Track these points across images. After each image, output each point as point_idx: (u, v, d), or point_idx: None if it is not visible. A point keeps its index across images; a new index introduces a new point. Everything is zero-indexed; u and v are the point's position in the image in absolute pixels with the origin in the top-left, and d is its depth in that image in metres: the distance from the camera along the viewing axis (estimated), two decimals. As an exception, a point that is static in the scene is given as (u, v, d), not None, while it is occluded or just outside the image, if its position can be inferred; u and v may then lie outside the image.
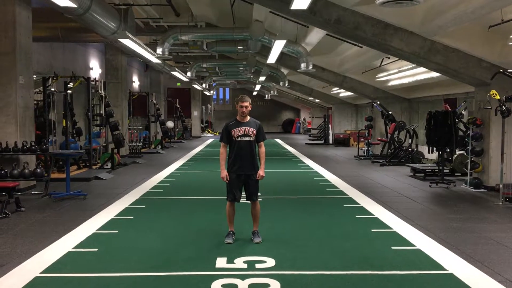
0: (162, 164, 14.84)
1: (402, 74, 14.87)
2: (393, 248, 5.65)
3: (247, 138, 5.79)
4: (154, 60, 15.36)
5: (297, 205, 8.46)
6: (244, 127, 5.80)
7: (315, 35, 13.19)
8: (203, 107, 36.42)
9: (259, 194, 6.04)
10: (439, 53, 9.65)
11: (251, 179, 5.85)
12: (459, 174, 11.77)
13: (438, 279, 4.64)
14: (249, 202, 5.99)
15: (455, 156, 11.61)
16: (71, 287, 4.42)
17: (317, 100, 30.03)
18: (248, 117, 5.91)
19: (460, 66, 9.70)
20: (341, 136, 24.48)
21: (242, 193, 5.94)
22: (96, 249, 5.57)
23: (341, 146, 23.58)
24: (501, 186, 8.63)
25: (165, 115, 28.75)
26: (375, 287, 4.42)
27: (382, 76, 16.52)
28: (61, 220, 7.08)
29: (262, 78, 22.78)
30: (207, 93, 33.83)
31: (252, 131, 5.82)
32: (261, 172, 5.86)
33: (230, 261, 5.11)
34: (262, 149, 5.95)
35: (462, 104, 11.63)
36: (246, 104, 5.83)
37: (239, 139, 5.79)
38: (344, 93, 22.93)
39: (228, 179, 5.83)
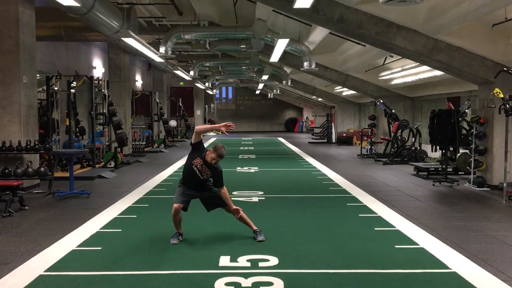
0: (165, 163, 14.86)
1: (405, 72, 14.84)
2: (396, 246, 5.65)
3: (199, 174, 5.79)
4: (157, 59, 15.36)
5: (300, 203, 8.46)
6: (204, 166, 5.79)
7: (318, 34, 13.18)
8: (206, 106, 36.45)
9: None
10: (443, 52, 9.63)
11: (204, 197, 5.94)
12: (463, 172, 11.74)
13: (441, 278, 4.64)
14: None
15: (459, 154, 11.58)
16: (75, 285, 4.43)
17: (320, 99, 30.01)
18: (214, 161, 5.82)
19: (464, 65, 9.68)
20: (344, 135, 24.45)
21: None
22: (99, 248, 5.58)
23: (344, 145, 23.56)
24: (504, 184, 8.61)
25: (168, 114, 28.74)
26: (379, 286, 4.41)
27: (385, 75, 16.49)
28: (64, 219, 7.10)
29: (265, 77, 22.76)
30: (210, 92, 33.86)
31: (208, 173, 5.82)
32: (235, 207, 5.97)
33: (233, 259, 5.12)
34: (224, 190, 5.95)
35: (466, 102, 11.60)
36: (220, 159, 5.79)
37: (193, 167, 5.81)
38: (347, 92, 22.90)
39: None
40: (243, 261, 5.07)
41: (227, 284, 4.42)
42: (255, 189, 9.52)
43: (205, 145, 5.90)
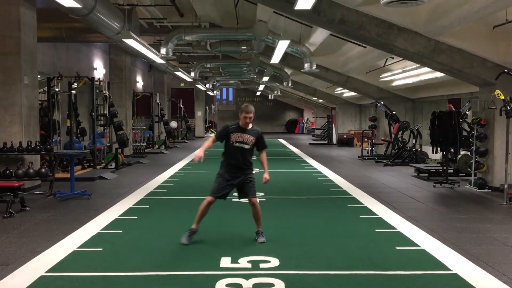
0: (166, 164, 14.86)
1: (406, 74, 14.84)
2: (397, 248, 5.65)
3: (244, 146, 5.79)
4: (158, 60, 15.40)
5: (301, 205, 8.46)
6: (244, 134, 5.79)
7: (319, 35, 13.19)
8: (207, 107, 36.46)
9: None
10: (444, 53, 9.64)
11: (244, 182, 5.86)
12: (463, 174, 11.74)
13: (442, 279, 4.63)
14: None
15: (459, 156, 11.58)
16: (75, 286, 4.43)
17: (320, 100, 30.01)
18: (251, 125, 5.88)
19: (465, 66, 9.68)
20: (345, 136, 24.44)
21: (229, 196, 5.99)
22: (100, 249, 5.58)
23: (344, 146, 23.56)
24: (505, 186, 8.61)
25: (168, 115, 28.76)
26: (380, 287, 4.41)
27: (386, 76, 16.50)
28: (65, 220, 7.10)
29: (265, 78, 22.79)
30: (210, 93, 33.89)
31: (251, 139, 5.81)
32: (266, 175, 5.91)
33: (234, 260, 5.12)
34: (263, 155, 5.99)
35: (466, 104, 11.60)
36: (251, 115, 5.78)
37: (236, 144, 5.78)
38: (347, 93, 22.91)
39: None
40: (244, 262, 5.07)
41: (228, 285, 4.41)
42: (258, 191, 9.50)
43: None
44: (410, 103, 18.01)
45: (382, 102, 16.69)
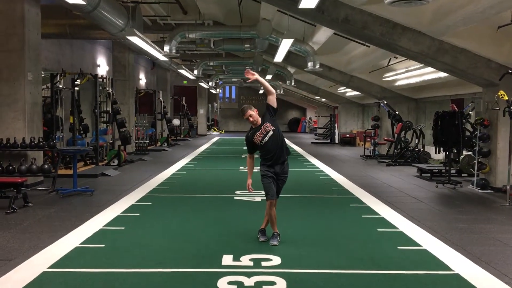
0: (168, 162, 14.88)
1: (409, 74, 14.81)
2: (399, 248, 5.65)
3: (270, 133, 5.77)
4: (161, 58, 15.40)
5: (303, 204, 8.46)
6: (261, 129, 5.80)
7: (323, 34, 13.17)
8: (209, 105, 36.47)
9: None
10: (447, 53, 9.61)
11: (281, 177, 5.88)
12: (466, 175, 11.72)
13: (444, 280, 4.63)
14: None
15: (462, 156, 11.56)
16: (78, 282, 4.44)
17: (323, 99, 29.99)
18: (259, 118, 5.89)
19: (468, 67, 9.66)
20: (347, 135, 24.42)
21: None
22: (103, 245, 5.60)
23: (347, 146, 23.54)
24: (508, 187, 8.59)
25: (171, 113, 28.80)
26: (381, 287, 4.41)
27: (389, 76, 16.47)
28: (68, 216, 7.12)
29: (268, 77, 22.77)
30: (213, 91, 33.89)
31: (269, 125, 5.81)
32: (255, 74, 5.92)
33: (236, 258, 5.12)
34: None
35: (470, 104, 11.58)
36: (247, 115, 5.81)
37: (264, 141, 5.77)
38: (350, 93, 22.88)
39: (260, 178, 5.82)
40: (246, 260, 5.08)
41: (229, 283, 4.42)
42: (258, 189, 9.47)
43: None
44: (413, 103, 17.97)
45: (385, 102, 16.66)
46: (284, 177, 5.91)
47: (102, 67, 18.30)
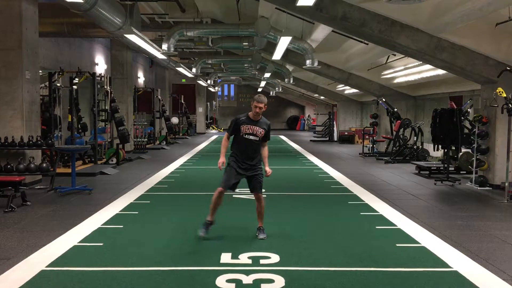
0: (167, 160, 14.87)
1: (408, 71, 14.81)
2: (397, 245, 5.65)
3: (254, 138, 5.79)
4: (160, 56, 15.38)
5: (301, 201, 8.46)
6: (254, 126, 5.79)
7: (321, 32, 13.16)
8: (208, 103, 36.45)
9: (263, 190, 6.05)
10: (446, 51, 9.61)
11: (252, 176, 5.85)
12: (464, 172, 11.73)
13: (442, 276, 4.64)
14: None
15: (461, 154, 11.57)
16: (76, 281, 4.44)
17: (322, 97, 29.99)
18: (261, 116, 5.88)
19: (467, 64, 9.66)
20: (346, 133, 24.44)
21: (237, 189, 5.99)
22: (101, 244, 5.59)
23: (346, 144, 23.55)
24: (506, 184, 8.61)
25: (170, 111, 28.79)
26: (380, 284, 4.41)
27: (387, 73, 16.47)
28: (66, 215, 7.12)
29: (267, 75, 22.75)
30: (212, 89, 33.86)
31: (260, 131, 5.80)
32: (267, 168, 5.88)
33: (234, 256, 5.12)
34: (266, 148, 5.98)
35: (468, 101, 11.58)
36: (262, 105, 5.75)
37: (246, 136, 5.78)
38: (349, 90, 22.88)
39: (225, 166, 5.81)
40: (244, 258, 5.08)
41: (228, 281, 4.42)
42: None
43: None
44: (412, 101, 17.97)
45: (384, 99, 16.67)
46: (255, 174, 5.85)
47: (100, 66, 18.27)
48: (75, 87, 12.75)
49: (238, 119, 5.89)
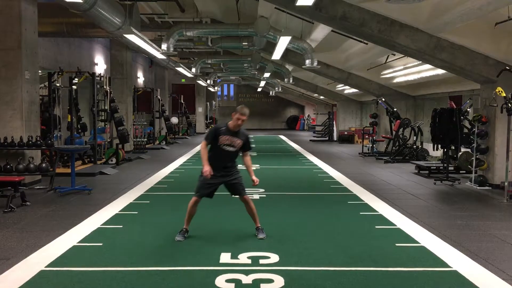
0: (167, 160, 14.87)
1: (407, 71, 14.82)
2: (397, 245, 5.65)
3: (231, 148, 5.76)
4: (159, 56, 15.38)
5: (301, 201, 8.46)
6: (232, 137, 5.74)
7: (320, 32, 13.16)
8: (208, 103, 36.43)
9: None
10: (445, 50, 9.61)
11: (231, 182, 5.86)
12: (464, 171, 11.73)
13: (442, 276, 4.63)
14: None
15: (460, 153, 11.57)
16: (75, 281, 4.44)
17: (321, 97, 29.99)
18: (240, 128, 5.82)
19: (466, 63, 9.66)
20: (346, 133, 24.44)
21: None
22: (100, 244, 5.59)
23: (345, 143, 23.55)
24: (506, 183, 8.61)
25: (169, 111, 28.78)
26: (379, 284, 4.41)
27: (387, 73, 16.47)
28: (66, 215, 7.11)
29: (266, 75, 22.75)
30: (211, 89, 33.84)
31: (238, 143, 5.76)
32: (254, 177, 5.85)
33: (234, 256, 5.12)
34: (248, 157, 5.95)
35: (468, 101, 11.58)
36: (245, 117, 5.69)
37: (224, 147, 5.74)
38: (349, 90, 22.88)
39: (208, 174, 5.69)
40: (243, 258, 5.07)
41: (227, 280, 4.42)
42: (256, 187, 9.50)
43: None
44: (411, 100, 17.97)
45: (383, 99, 16.67)
46: (234, 179, 5.85)
47: (100, 66, 18.26)
48: (74, 87, 12.75)
49: (217, 129, 5.83)
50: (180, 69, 21.81)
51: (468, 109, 11.37)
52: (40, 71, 10.84)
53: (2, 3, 9.22)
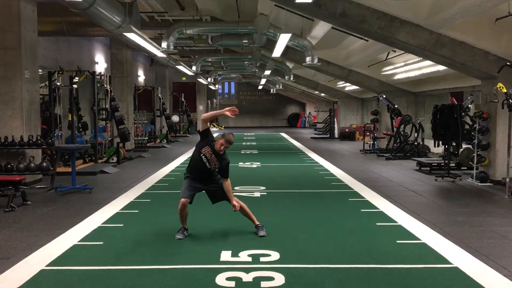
0: (168, 158, 14.86)
1: (408, 67, 14.77)
2: (398, 241, 5.64)
3: (207, 163, 5.77)
4: (159, 54, 15.35)
5: (302, 199, 8.45)
6: (213, 156, 5.77)
7: (321, 29, 13.13)
8: (209, 101, 36.43)
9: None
10: (446, 46, 9.58)
11: (214, 189, 5.95)
12: (465, 168, 11.71)
13: (443, 273, 4.62)
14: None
15: (461, 150, 11.55)
16: (76, 280, 4.44)
17: (322, 94, 29.92)
18: (223, 153, 5.85)
19: (467, 59, 9.63)
20: (347, 130, 24.40)
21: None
22: (101, 243, 5.59)
23: (346, 140, 23.52)
24: (507, 180, 8.58)
25: (170, 110, 28.74)
26: (380, 281, 4.40)
27: (388, 70, 16.43)
28: (66, 214, 7.11)
29: (267, 72, 22.72)
30: (212, 87, 33.82)
31: (215, 164, 5.79)
32: (234, 202, 5.86)
33: (234, 254, 5.12)
34: (227, 183, 5.92)
35: (469, 97, 11.54)
36: (229, 146, 5.75)
37: (202, 156, 5.78)
38: (349, 87, 22.84)
39: (186, 177, 5.91)
40: (244, 256, 5.07)
41: (228, 279, 4.42)
42: (257, 184, 9.51)
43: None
44: (412, 97, 17.94)
45: (384, 96, 16.63)
46: (213, 186, 5.95)
47: (100, 64, 18.25)
48: (75, 86, 12.75)
49: (211, 138, 5.89)
50: (181, 67, 21.81)
51: (469, 105, 11.34)
52: (40, 70, 10.84)
53: (1, 2, 9.21)
